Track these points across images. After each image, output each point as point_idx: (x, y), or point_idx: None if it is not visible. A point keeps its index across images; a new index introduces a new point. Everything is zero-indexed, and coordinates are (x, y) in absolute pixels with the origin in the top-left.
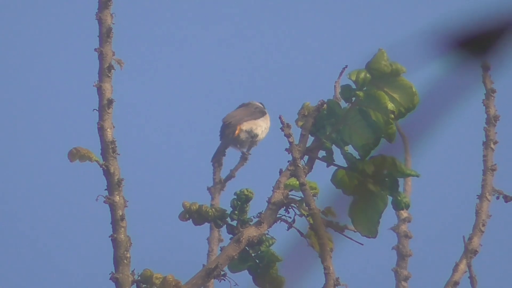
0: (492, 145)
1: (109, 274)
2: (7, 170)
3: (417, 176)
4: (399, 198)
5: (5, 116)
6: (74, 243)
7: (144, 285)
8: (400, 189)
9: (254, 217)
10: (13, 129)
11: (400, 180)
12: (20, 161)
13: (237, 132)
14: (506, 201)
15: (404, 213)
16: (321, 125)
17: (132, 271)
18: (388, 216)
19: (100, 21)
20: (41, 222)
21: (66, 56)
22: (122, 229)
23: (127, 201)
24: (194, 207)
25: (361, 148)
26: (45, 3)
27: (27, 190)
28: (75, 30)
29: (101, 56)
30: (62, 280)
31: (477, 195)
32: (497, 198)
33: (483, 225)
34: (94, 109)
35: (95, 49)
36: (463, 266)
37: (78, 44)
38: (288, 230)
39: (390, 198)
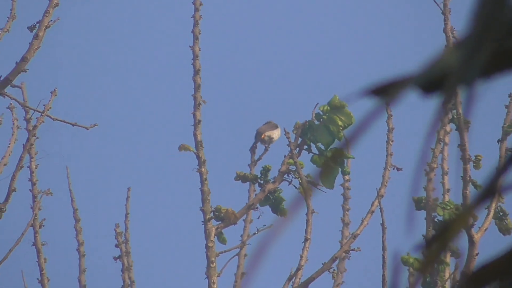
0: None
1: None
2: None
3: (352, 158)
4: (344, 169)
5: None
6: None
7: (216, 213)
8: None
9: (271, 179)
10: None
11: (345, 160)
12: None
13: (263, 136)
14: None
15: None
16: (305, 133)
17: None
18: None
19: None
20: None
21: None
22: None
23: (208, 172)
24: (242, 173)
25: (325, 145)
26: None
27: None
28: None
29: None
30: None
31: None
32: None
33: None
34: (191, 125)
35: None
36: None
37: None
38: (289, 185)
39: (339, 169)
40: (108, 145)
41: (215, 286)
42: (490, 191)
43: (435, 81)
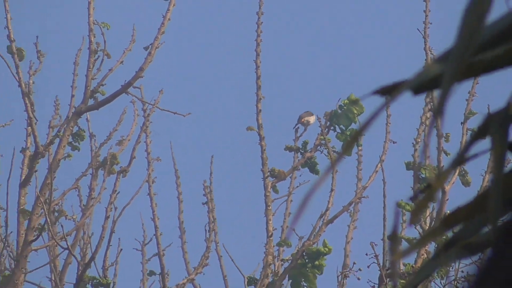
0: None
1: None
2: None
3: (363, 135)
4: (358, 142)
5: None
6: None
7: (272, 172)
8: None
9: (309, 150)
10: None
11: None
12: None
13: (302, 120)
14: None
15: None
16: (332, 118)
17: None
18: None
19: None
20: None
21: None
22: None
23: (266, 145)
24: (289, 146)
25: (345, 126)
26: None
27: None
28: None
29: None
30: None
31: None
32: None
33: None
34: (255, 113)
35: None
36: None
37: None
38: (321, 154)
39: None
40: (198, 127)
41: (270, 223)
42: (459, 159)
43: (422, 85)
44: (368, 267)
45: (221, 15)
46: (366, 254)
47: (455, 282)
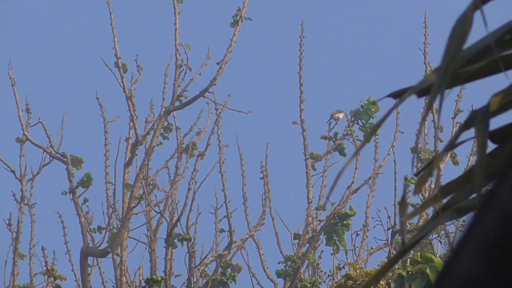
0: None
1: None
2: None
3: (380, 127)
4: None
5: None
6: None
7: (311, 155)
8: None
9: (339, 138)
10: None
11: None
12: None
13: (334, 116)
14: None
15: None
16: (355, 114)
17: None
18: None
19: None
20: None
21: None
22: None
23: (307, 135)
24: (324, 135)
25: (365, 121)
26: None
27: None
28: None
29: None
30: None
31: None
32: None
33: None
34: (298, 111)
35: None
36: None
37: None
38: (347, 141)
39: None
40: (256, 121)
41: (310, 193)
42: (450, 145)
43: (423, 90)
44: (388, 228)
45: (268, 38)
46: (373, 218)
47: (439, 238)
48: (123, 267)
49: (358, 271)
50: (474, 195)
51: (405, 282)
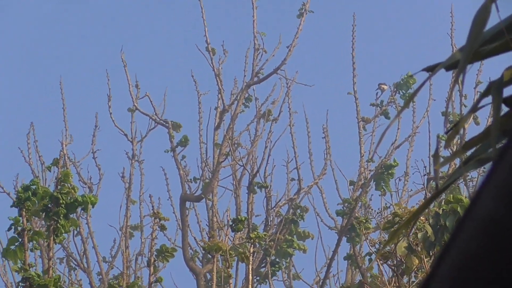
0: None
1: None
2: None
3: (416, 96)
4: (413, 100)
5: None
6: None
7: (363, 118)
8: None
9: (385, 105)
10: None
11: None
12: None
13: (380, 87)
14: None
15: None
16: (397, 86)
17: None
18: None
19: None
20: None
21: None
22: None
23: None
24: (373, 103)
25: (405, 91)
26: None
27: None
28: None
29: None
30: None
31: None
32: None
33: None
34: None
35: None
36: None
37: None
38: (391, 107)
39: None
40: (318, 92)
41: (362, 148)
42: (473, 109)
43: (451, 65)
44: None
45: (328, 27)
46: (412, 167)
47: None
48: (214, 210)
49: (403, 209)
50: (491, 149)
51: (441, 218)
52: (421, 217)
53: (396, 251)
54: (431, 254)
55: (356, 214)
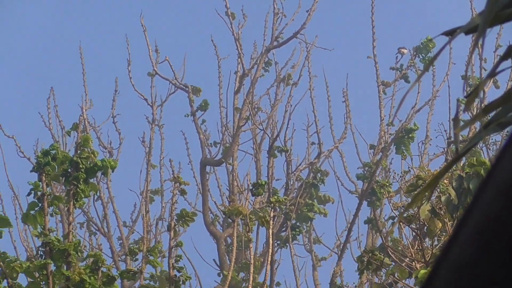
0: None
1: None
2: None
3: (436, 59)
4: (433, 65)
5: None
6: None
7: (383, 87)
8: None
9: (405, 68)
10: None
11: None
12: None
13: (400, 51)
14: None
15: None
16: (417, 50)
17: None
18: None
19: None
20: None
21: None
22: None
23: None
24: (392, 67)
25: (425, 55)
26: None
27: None
28: None
29: None
30: None
31: None
32: None
33: None
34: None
35: None
36: None
37: None
38: (410, 70)
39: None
40: (338, 56)
41: (382, 111)
42: (492, 73)
43: (470, 29)
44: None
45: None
46: (435, 130)
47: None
48: (234, 174)
49: (426, 172)
50: (511, 113)
51: (464, 181)
52: (445, 180)
53: (419, 215)
54: (454, 217)
55: (377, 178)
